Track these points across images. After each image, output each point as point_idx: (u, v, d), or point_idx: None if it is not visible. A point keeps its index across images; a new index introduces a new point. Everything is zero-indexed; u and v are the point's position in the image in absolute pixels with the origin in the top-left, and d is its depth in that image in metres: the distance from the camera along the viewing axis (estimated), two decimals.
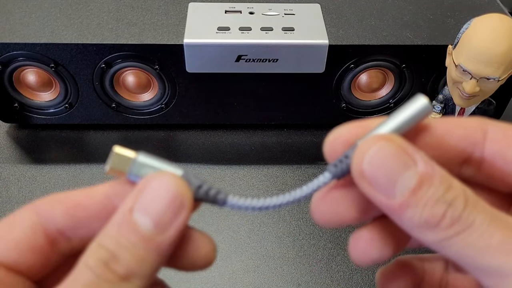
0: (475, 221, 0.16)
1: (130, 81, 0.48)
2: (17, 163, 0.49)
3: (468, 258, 0.16)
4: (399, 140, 0.17)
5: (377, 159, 0.17)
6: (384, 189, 0.17)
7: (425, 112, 0.18)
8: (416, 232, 0.17)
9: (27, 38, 0.45)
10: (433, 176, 0.17)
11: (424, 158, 0.17)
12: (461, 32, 0.40)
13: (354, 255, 0.20)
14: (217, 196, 0.19)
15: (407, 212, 0.17)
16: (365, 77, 0.49)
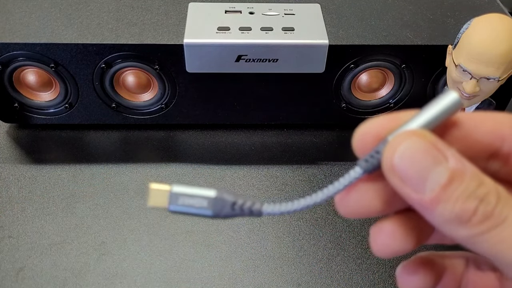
0: (508, 217, 0.16)
1: (130, 81, 0.48)
2: (17, 163, 0.49)
3: (501, 254, 0.16)
4: (430, 136, 0.18)
5: (408, 154, 0.17)
6: (415, 184, 0.17)
7: (455, 107, 0.18)
8: (447, 228, 0.17)
9: (27, 38, 0.45)
10: (464, 172, 0.17)
11: (455, 155, 0.17)
12: (461, 32, 0.40)
13: (375, 247, 0.20)
14: (253, 208, 0.20)
15: (438, 207, 0.17)
16: (365, 77, 0.49)
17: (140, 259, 0.42)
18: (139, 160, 0.50)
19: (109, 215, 0.45)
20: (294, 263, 0.42)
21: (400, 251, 0.20)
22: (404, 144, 0.17)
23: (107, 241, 0.43)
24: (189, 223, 0.44)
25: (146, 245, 0.43)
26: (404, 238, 0.20)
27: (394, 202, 0.20)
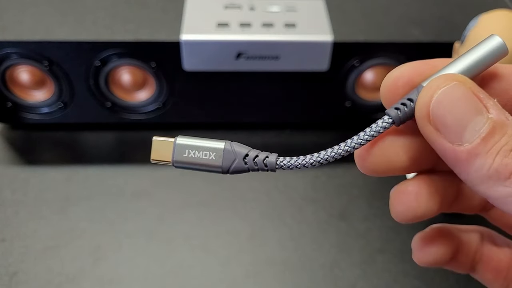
0: None
1: (126, 79, 0.47)
2: (9, 164, 0.48)
3: None
4: (471, 83, 0.16)
5: (447, 100, 0.16)
6: (452, 134, 0.16)
7: (500, 53, 0.17)
8: (483, 185, 0.15)
9: (20, 35, 0.44)
10: (507, 125, 0.15)
11: (497, 106, 0.16)
12: (467, 29, 0.40)
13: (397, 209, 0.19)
14: (266, 161, 0.18)
15: (475, 161, 0.15)
16: (370, 75, 0.48)
17: (137, 264, 0.41)
18: (135, 161, 0.49)
19: (105, 218, 0.44)
20: (296, 269, 0.41)
21: (422, 216, 0.19)
22: (443, 88, 0.16)
23: (103, 245, 0.42)
24: (186, 227, 0.44)
25: (143, 249, 0.42)
26: (428, 201, 0.19)
27: (421, 160, 0.19)
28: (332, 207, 0.45)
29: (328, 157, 0.18)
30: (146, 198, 0.46)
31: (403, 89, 0.18)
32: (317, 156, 0.18)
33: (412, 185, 0.19)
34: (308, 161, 0.18)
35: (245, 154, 0.18)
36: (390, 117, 0.17)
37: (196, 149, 0.18)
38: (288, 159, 0.18)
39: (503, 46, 0.17)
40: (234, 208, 0.45)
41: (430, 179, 0.19)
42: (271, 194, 0.47)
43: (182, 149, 0.18)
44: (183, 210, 0.45)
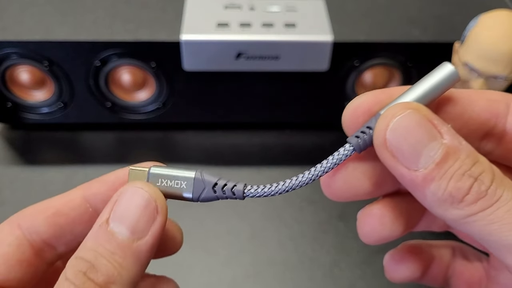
0: (503, 196, 0.16)
1: (126, 79, 0.47)
2: (10, 165, 0.48)
3: (493, 235, 0.16)
4: (426, 110, 0.17)
5: (402, 127, 0.16)
6: (408, 160, 0.16)
7: (452, 80, 0.17)
8: (439, 208, 0.16)
9: (20, 35, 0.44)
10: (460, 150, 0.16)
11: (451, 131, 0.16)
12: (468, 29, 0.40)
13: (362, 232, 0.19)
14: (234, 189, 0.19)
15: (431, 185, 0.16)
16: (370, 75, 0.48)
17: None
18: (135, 161, 0.48)
19: None
20: (296, 269, 0.41)
21: (388, 237, 0.19)
22: (398, 116, 0.16)
23: None
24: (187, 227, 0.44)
25: None
26: (393, 223, 0.19)
27: (384, 184, 0.19)
28: (332, 207, 0.45)
29: (294, 185, 0.19)
30: None
31: (362, 117, 0.18)
32: (283, 185, 0.19)
33: (376, 208, 0.20)
34: (274, 189, 0.19)
35: (214, 183, 0.19)
36: (351, 145, 0.18)
37: (168, 178, 0.19)
38: (255, 187, 0.19)
39: (455, 73, 0.17)
40: (234, 208, 0.45)
41: (394, 201, 0.20)
42: None
43: (156, 178, 0.19)
44: (183, 210, 0.45)
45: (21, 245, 0.19)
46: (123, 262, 0.17)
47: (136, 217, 0.18)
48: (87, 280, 0.16)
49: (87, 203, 0.20)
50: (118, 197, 0.18)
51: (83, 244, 0.18)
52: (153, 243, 0.18)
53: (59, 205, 0.20)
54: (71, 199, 0.20)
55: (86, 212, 0.19)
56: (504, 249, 0.16)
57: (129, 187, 0.18)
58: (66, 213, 0.19)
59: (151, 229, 0.18)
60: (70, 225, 0.19)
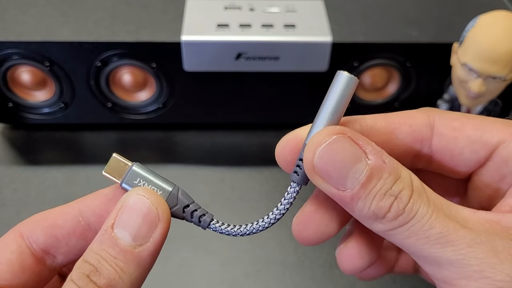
0: (418, 213, 0.17)
1: (127, 80, 0.47)
2: (11, 164, 0.48)
3: (411, 247, 0.17)
4: (350, 131, 0.18)
5: (327, 153, 0.18)
6: (336, 182, 0.18)
7: (353, 86, 0.18)
8: (366, 222, 0.18)
9: (22, 36, 0.44)
10: (383, 169, 0.17)
11: (375, 149, 0.18)
12: (466, 30, 0.40)
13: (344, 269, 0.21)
14: (201, 218, 0.20)
15: (358, 204, 0.17)
16: (369, 76, 0.48)
17: None
18: (136, 161, 0.49)
19: None
20: (296, 268, 0.41)
21: (367, 266, 0.21)
22: (323, 145, 0.18)
23: None
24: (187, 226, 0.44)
25: None
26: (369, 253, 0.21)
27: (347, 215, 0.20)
28: None
29: (254, 229, 0.20)
30: None
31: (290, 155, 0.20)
32: (244, 228, 0.20)
33: (352, 246, 0.21)
34: (236, 230, 0.20)
35: (186, 205, 0.20)
36: (294, 181, 0.19)
37: (147, 181, 0.19)
38: (220, 224, 0.20)
39: (352, 79, 0.18)
40: (234, 208, 0.45)
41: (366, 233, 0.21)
42: (271, 194, 0.47)
43: (135, 176, 0.19)
44: None
45: (23, 252, 0.20)
46: (125, 267, 0.18)
47: (138, 224, 0.18)
48: (89, 282, 0.17)
49: (80, 217, 0.20)
50: (123, 203, 0.18)
51: (90, 247, 0.18)
52: (155, 249, 0.18)
53: (55, 217, 0.20)
54: (66, 212, 0.20)
55: (79, 225, 0.20)
56: (421, 259, 0.18)
57: (132, 194, 0.19)
58: (61, 225, 0.20)
59: (153, 236, 0.18)
60: (65, 237, 0.20)
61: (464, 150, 0.19)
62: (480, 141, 0.19)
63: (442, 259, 0.17)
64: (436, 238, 0.17)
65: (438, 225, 0.17)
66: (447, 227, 0.17)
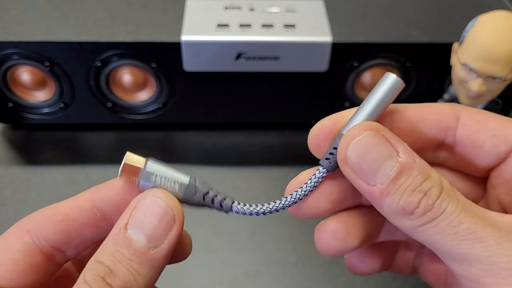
0: (447, 209, 0.17)
1: (127, 80, 0.47)
2: (11, 164, 0.48)
3: (438, 244, 0.18)
4: (384, 129, 0.18)
5: (361, 147, 0.18)
6: (367, 176, 0.18)
7: (397, 87, 0.19)
8: (394, 218, 0.18)
9: (22, 36, 0.44)
10: (413, 167, 0.18)
11: (406, 149, 0.18)
12: (466, 30, 0.40)
13: (318, 246, 0.21)
14: (223, 202, 0.20)
15: (386, 199, 0.18)
16: (369, 76, 0.48)
17: None
18: None
19: None
20: (296, 268, 0.41)
21: (343, 250, 0.21)
22: (357, 138, 0.18)
23: None
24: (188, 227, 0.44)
25: None
26: (346, 237, 0.21)
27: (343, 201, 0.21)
28: None
29: (277, 208, 0.20)
30: None
31: (324, 141, 0.20)
32: (267, 207, 0.20)
33: (330, 224, 0.21)
34: (259, 210, 0.20)
35: (205, 192, 0.20)
36: (324, 167, 0.20)
37: (163, 175, 0.19)
38: (242, 205, 0.20)
39: (399, 82, 0.19)
40: None
41: (349, 216, 0.21)
42: (271, 194, 0.47)
43: (150, 171, 0.19)
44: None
45: (30, 250, 0.19)
46: (139, 269, 0.18)
47: (153, 225, 0.18)
48: (105, 284, 0.17)
49: (94, 208, 0.20)
50: (137, 204, 0.18)
51: (103, 246, 0.18)
52: (169, 250, 0.18)
53: (67, 210, 0.20)
54: (79, 204, 0.20)
55: (94, 216, 0.20)
56: (448, 256, 0.18)
57: (148, 195, 0.18)
58: (74, 218, 0.19)
59: (168, 238, 0.18)
60: (79, 230, 0.20)
61: (485, 143, 0.20)
62: (501, 136, 0.20)
63: (470, 256, 0.17)
64: (465, 234, 0.17)
65: (467, 221, 0.17)
66: (476, 224, 0.17)
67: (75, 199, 0.20)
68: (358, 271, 0.24)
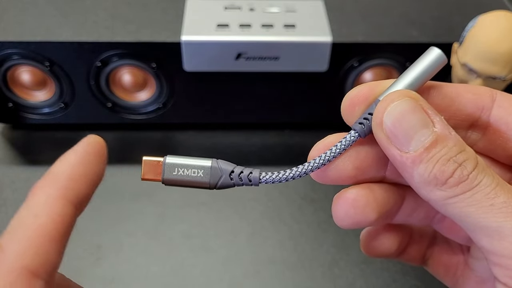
0: (482, 181, 0.17)
1: (127, 80, 0.47)
2: (11, 164, 0.48)
3: (470, 217, 0.17)
4: (422, 100, 0.18)
5: (398, 112, 0.18)
6: (400, 142, 0.18)
7: (440, 63, 0.19)
8: (424, 189, 0.18)
9: (22, 36, 0.44)
10: (448, 138, 0.17)
11: (443, 121, 0.18)
12: (466, 30, 0.40)
13: (336, 215, 0.20)
14: (250, 176, 0.20)
15: (418, 167, 0.17)
16: (369, 76, 0.48)
17: (137, 264, 0.41)
18: (135, 161, 0.49)
19: (106, 218, 0.44)
20: (296, 268, 0.41)
21: (360, 222, 0.20)
22: (396, 102, 0.18)
23: (103, 245, 0.42)
24: (187, 226, 0.44)
25: (143, 249, 0.42)
26: (365, 208, 0.20)
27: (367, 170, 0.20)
28: None
29: (306, 170, 0.20)
30: (146, 198, 0.46)
31: (359, 107, 0.20)
32: (296, 170, 0.20)
33: (350, 192, 0.20)
34: (288, 175, 0.20)
35: (231, 171, 0.20)
36: (356, 131, 0.19)
37: (185, 167, 0.19)
38: (270, 174, 0.20)
39: (442, 57, 0.19)
40: (234, 208, 0.45)
41: (370, 188, 0.21)
42: (271, 194, 0.47)
43: (172, 167, 0.19)
44: (183, 210, 0.45)
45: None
46: None
47: None
48: None
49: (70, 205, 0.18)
50: None
51: None
52: None
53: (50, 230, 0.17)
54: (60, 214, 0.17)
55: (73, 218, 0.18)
56: (479, 230, 0.17)
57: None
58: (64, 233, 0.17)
59: None
60: None
61: None
62: None
63: (505, 229, 0.16)
64: (501, 207, 0.16)
65: (503, 195, 0.17)
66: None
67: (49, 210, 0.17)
68: (374, 250, 0.23)
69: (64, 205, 0.17)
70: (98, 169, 0.19)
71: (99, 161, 0.19)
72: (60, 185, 0.18)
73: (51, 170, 0.18)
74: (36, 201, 0.17)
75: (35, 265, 0.16)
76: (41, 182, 0.18)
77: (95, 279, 0.40)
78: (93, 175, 0.19)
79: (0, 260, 0.16)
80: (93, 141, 0.19)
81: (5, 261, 0.16)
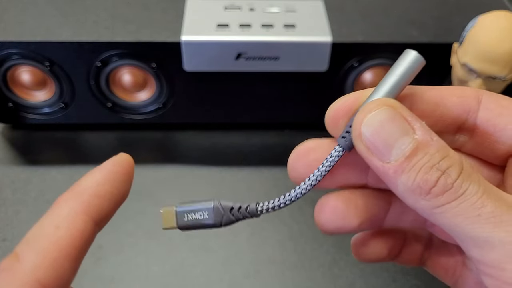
0: (468, 190, 0.16)
1: (127, 80, 0.47)
2: (11, 164, 0.48)
3: (458, 227, 0.17)
4: (400, 107, 0.18)
5: (376, 122, 0.17)
6: (381, 153, 0.17)
7: (418, 65, 0.18)
8: (409, 198, 0.17)
9: (22, 36, 0.44)
10: (430, 145, 0.17)
11: (424, 127, 0.17)
12: (466, 30, 0.40)
13: (318, 221, 0.20)
14: (249, 209, 0.21)
15: (401, 177, 0.17)
16: (369, 76, 0.48)
17: (138, 264, 0.41)
18: (135, 161, 0.49)
19: None
20: (296, 268, 0.41)
21: (341, 228, 0.20)
22: (373, 112, 0.17)
23: (104, 245, 0.42)
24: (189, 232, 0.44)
25: (144, 249, 0.42)
26: (345, 214, 0.20)
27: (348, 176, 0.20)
28: None
29: (298, 194, 0.20)
30: (147, 198, 0.46)
31: (343, 119, 0.19)
32: (289, 195, 0.20)
33: (330, 198, 0.20)
34: (284, 201, 0.20)
35: (231, 208, 0.21)
36: (340, 146, 0.19)
37: (192, 212, 0.21)
38: (266, 204, 0.20)
39: (419, 58, 0.18)
40: None
41: (351, 194, 0.21)
42: (271, 194, 0.47)
43: (182, 214, 0.21)
44: None
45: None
46: None
47: None
48: None
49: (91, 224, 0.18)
50: None
51: None
52: None
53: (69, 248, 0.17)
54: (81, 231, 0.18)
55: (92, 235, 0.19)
56: (469, 240, 0.17)
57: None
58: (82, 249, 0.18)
59: None
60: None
61: (507, 127, 0.19)
62: None
63: (493, 240, 0.16)
64: (488, 217, 0.16)
65: (490, 204, 0.16)
66: (500, 208, 0.16)
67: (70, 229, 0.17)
68: (363, 256, 0.23)
69: (85, 221, 0.18)
70: (123, 189, 0.19)
71: (125, 180, 0.20)
72: (84, 200, 0.18)
73: (77, 184, 0.19)
74: (59, 212, 0.18)
75: (48, 279, 0.16)
76: (67, 194, 0.18)
77: (95, 279, 0.40)
78: (118, 195, 0.19)
79: (15, 270, 0.16)
80: (122, 159, 0.20)
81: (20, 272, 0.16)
